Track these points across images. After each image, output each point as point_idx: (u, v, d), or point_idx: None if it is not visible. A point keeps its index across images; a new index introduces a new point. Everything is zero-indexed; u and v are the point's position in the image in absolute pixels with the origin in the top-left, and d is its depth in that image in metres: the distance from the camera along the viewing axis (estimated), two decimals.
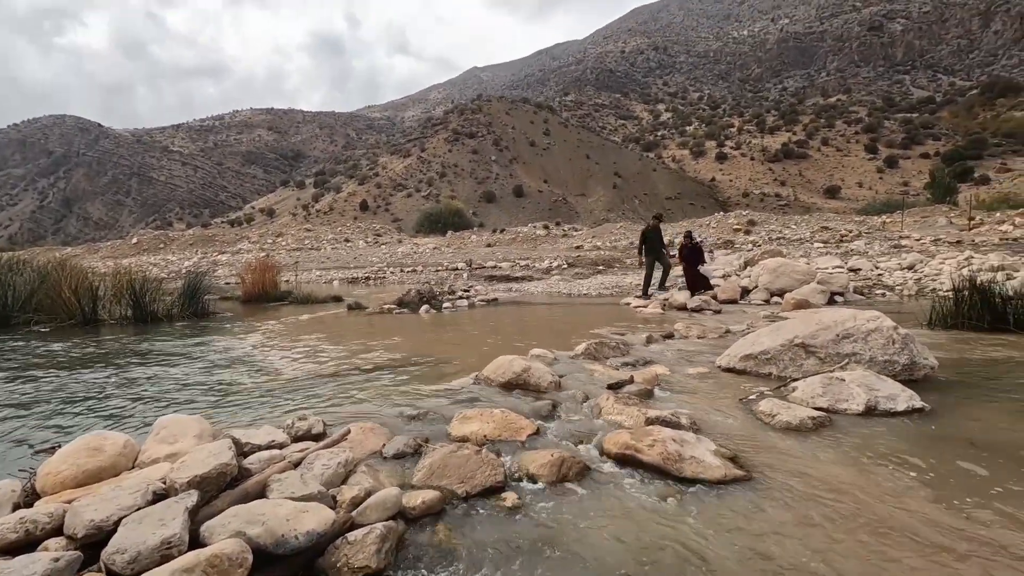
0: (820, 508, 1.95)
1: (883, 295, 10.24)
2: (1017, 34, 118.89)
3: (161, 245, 41.89)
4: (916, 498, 2.01)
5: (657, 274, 10.69)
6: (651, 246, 10.50)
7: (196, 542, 1.54)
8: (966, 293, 5.80)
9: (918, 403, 3.05)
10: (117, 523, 1.58)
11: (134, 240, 44.47)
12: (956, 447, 2.50)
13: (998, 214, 28.20)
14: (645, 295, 10.32)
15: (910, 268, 13.26)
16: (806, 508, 1.96)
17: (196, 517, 1.64)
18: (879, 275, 12.56)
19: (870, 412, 3.02)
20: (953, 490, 2.07)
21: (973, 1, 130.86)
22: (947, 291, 6.84)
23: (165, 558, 1.43)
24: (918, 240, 21.47)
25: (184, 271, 19.39)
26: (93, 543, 1.54)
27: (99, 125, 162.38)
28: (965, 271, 10.03)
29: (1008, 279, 7.30)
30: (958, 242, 19.79)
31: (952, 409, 3.06)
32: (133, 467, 2.11)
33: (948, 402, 3.19)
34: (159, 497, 1.74)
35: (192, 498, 1.68)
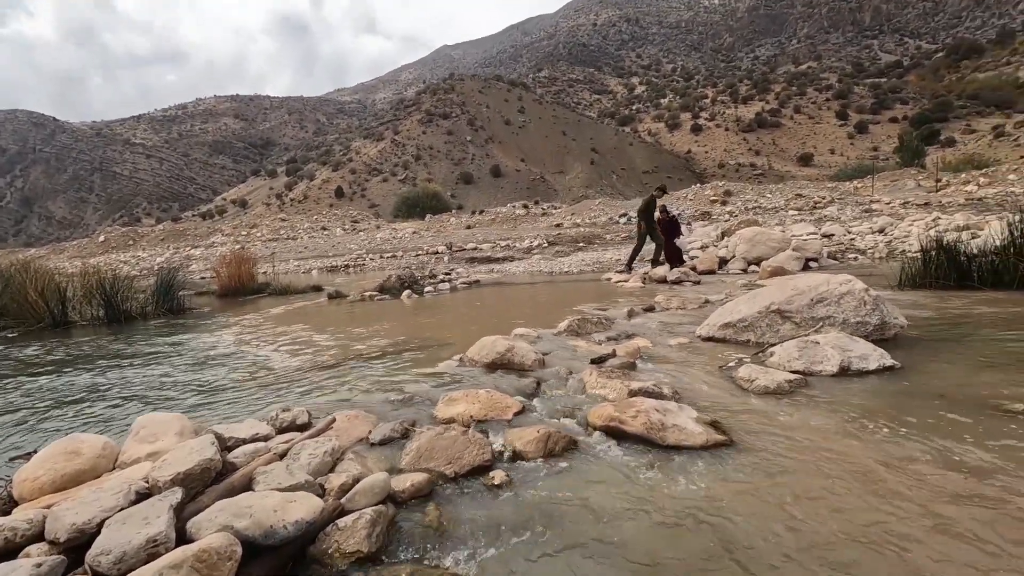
0: (795, 466, 2.02)
1: (855, 259, 10.50)
2: None
3: (130, 242, 40.62)
4: (884, 451, 2.10)
5: (649, 248, 10.68)
6: (648, 219, 10.48)
7: (183, 539, 1.53)
8: (933, 253, 5.98)
9: (889, 361, 3.16)
10: (100, 525, 1.55)
11: (101, 238, 43.03)
12: (924, 401, 2.60)
13: (963, 175, 28.99)
14: (628, 269, 10.34)
15: (881, 231, 13.61)
16: (782, 467, 2.03)
17: (182, 514, 1.63)
18: (851, 239, 12.87)
19: (844, 372, 3.11)
20: (919, 441, 2.16)
21: None
22: (915, 252, 7.04)
23: (152, 556, 1.41)
24: (888, 203, 21.98)
25: (156, 267, 18.88)
26: (76, 546, 1.52)
27: (54, 119, 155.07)
28: (932, 232, 10.33)
29: (973, 238, 7.53)
30: (926, 204, 20.32)
31: (921, 365, 3.18)
32: (114, 468, 2.08)
33: (917, 359, 3.31)
34: (142, 496, 1.71)
35: (176, 495, 1.66)
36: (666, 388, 2.89)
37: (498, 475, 2.06)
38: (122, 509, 1.62)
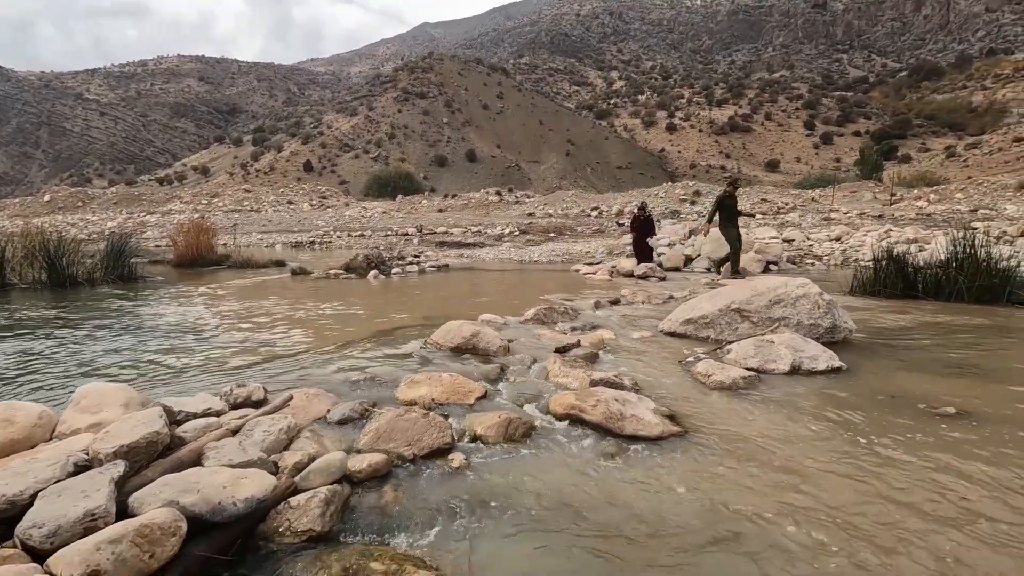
0: (741, 458, 2.11)
1: (813, 264, 10.94)
2: (943, 19, 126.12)
3: (79, 203, 38.34)
4: (822, 445, 2.21)
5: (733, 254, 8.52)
6: (728, 216, 8.44)
7: (125, 514, 1.47)
8: (884, 263, 6.29)
9: (836, 363, 3.32)
10: (33, 497, 1.47)
11: (47, 197, 40.41)
12: (865, 402, 2.75)
13: (916, 191, 30.51)
14: (736, 273, 8.21)
15: (838, 239, 14.19)
16: (731, 458, 2.11)
17: (124, 488, 1.56)
18: (810, 245, 13.37)
19: (795, 371, 3.25)
20: (854, 438, 2.28)
21: None
22: (868, 261, 7.38)
23: (89, 530, 1.35)
24: (846, 213, 22.92)
25: (108, 232, 17.89)
26: (6, 519, 1.44)
27: None
28: (884, 243, 10.84)
29: (920, 251, 7.96)
30: (880, 216, 21.30)
31: (865, 368, 3.35)
32: (51, 439, 1.97)
33: (862, 362, 3.48)
34: (81, 469, 1.63)
35: (119, 468, 1.59)
36: (627, 379, 2.95)
37: (457, 458, 2.06)
38: (58, 481, 1.54)
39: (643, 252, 10.56)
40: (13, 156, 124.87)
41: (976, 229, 11.30)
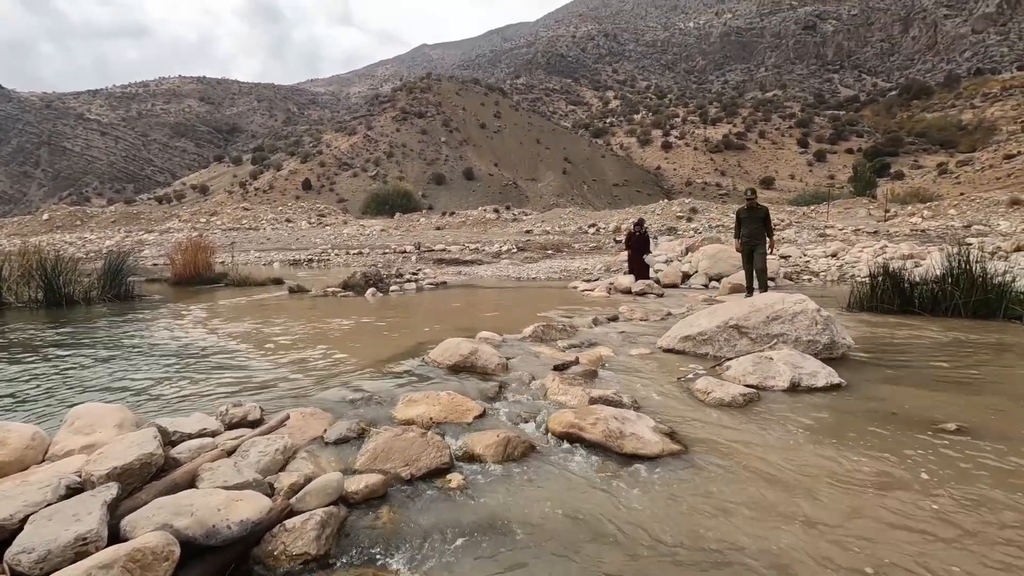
0: (743, 476, 2.09)
1: (809, 280, 10.98)
2: (931, 41, 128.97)
3: (78, 222, 38.40)
4: (823, 462, 2.19)
5: (758, 275, 7.26)
6: (748, 232, 7.27)
7: (117, 538, 1.44)
8: (880, 279, 6.32)
9: (836, 379, 3.31)
10: (23, 521, 1.45)
11: (45, 216, 40.48)
12: (866, 419, 2.73)
13: (909, 207, 30.82)
14: (754, 290, 7.15)
15: (833, 256, 14.28)
16: (730, 476, 2.09)
17: (117, 511, 1.54)
18: (806, 262, 13.45)
19: (794, 388, 3.24)
20: (856, 456, 2.26)
21: (895, 7, 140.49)
22: (864, 277, 7.42)
23: (80, 555, 1.33)
24: (841, 230, 23.11)
25: (105, 251, 17.91)
26: None
27: None
28: (880, 259, 10.91)
29: (916, 267, 8.01)
30: (875, 232, 21.48)
31: (865, 385, 3.34)
32: (43, 461, 1.94)
33: (861, 378, 3.47)
34: (73, 491, 1.61)
35: (111, 491, 1.57)
36: (626, 397, 2.93)
37: (455, 478, 2.03)
38: (50, 504, 1.52)
39: (639, 270, 10.49)
40: (13, 175, 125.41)
41: (970, 245, 11.41)
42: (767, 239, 7.21)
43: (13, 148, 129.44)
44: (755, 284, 7.26)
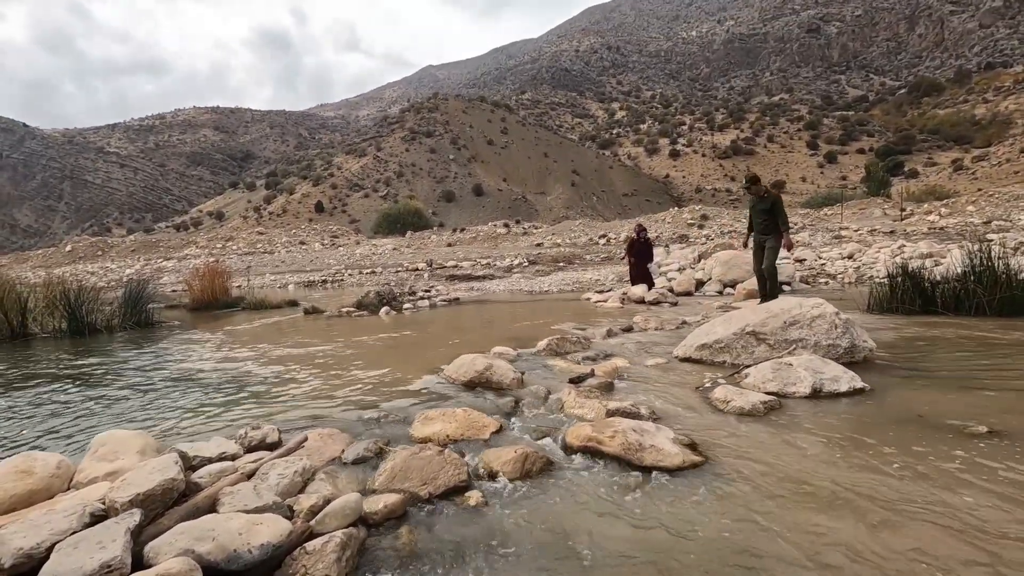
0: (768, 488, 2.04)
1: (826, 283, 10.81)
2: (938, 37, 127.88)
3: (99, 252, 39.41)
4: (850, 471, 2.13)
5: (768, 280, 6.43)
6: (756, 227, 6.49)
7: (140, 564, 1.45)
8: (899, 279, 6.19)
9: (859, 384, 3.23)
10: (50, 549, 1.47)
11: (68, 247, 41.63)
12: (892, 424, 2.66)
13: (926, 205, 30.29)
14: (766, 295, 6.38)
15: (850, 257, 14.05)
16: (755, 487, 2.04)
17: (140, 537, 1.55)
18: (822, 264, 13.25)
19: (816, 394, 3.17)
20: (883, 464, 2.20)
21: (899, 6, 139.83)
22: (883, 278, 7.28)
23: None
24: (856, 231, 22.77)
25: (126, 279, 18.32)
26: (23, 572, 1.43)
27: (24, 125, 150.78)
28: (898, 259, 10.71)
29: (936, 265, 7.84)
30: (892, 232, 21.12)
31: (889, 388, 3.26)
32: (69, 489, 1.97)
33: (886, 382, 3.39)
34: (98, 519, 1.63)
35: (135, 517, 1.58)
36: (643, 408, 2.89)
37: (474, 496, 2.02)
38: (75, 532, 1.54)
39: (643, 279, 10.18)
40: (37, 209, 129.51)
41: (991, 241, 11.15)
42: (784, 233, 6.03)
43: (38, 183, 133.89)
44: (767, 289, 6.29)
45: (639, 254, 10.39)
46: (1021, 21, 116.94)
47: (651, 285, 10.15)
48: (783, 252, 6.69)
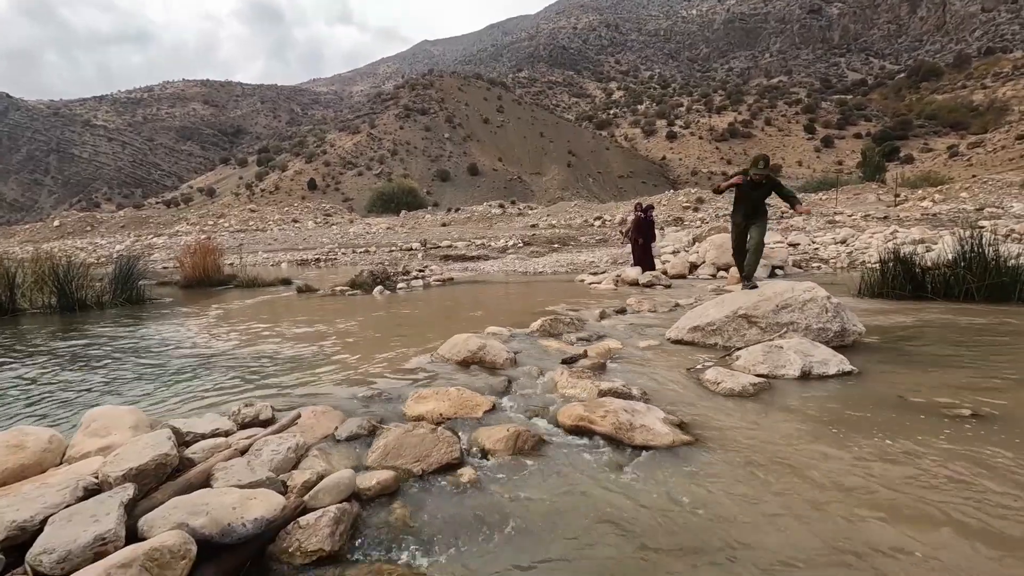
0: (755, 466, 2.08)
1: (819, 268, 10.88)
2: (939, 21, 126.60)
3: (88, 228, 38.84)
4: (835, 451, 2.17)
5: (750, 253, 5.57)
6: (751, 203, 5.54)
7: (135, 537, 1.46)
8: (891, 265, 6.24)
9: (847, 367, 3.28)
10: (44, 522, 1.47)
11: (56, 223, 40.98)
12: (878, 407, 2.71)
13: (920, 191, 30.37)
14: (746, 281, 5.41)
15: (843, 242, 14.13)
16: (742, 467, 2.08)
17: (134, 511, 1.56)
18: (815, 249, 13.31)
19: (805, 376, 3.22)
20: (866, 445, 2.25)
21: None
22: (875, 263, 7.33)
23: (99, 555, 1.35)
24: (850, 216, 22.84)
25: (116, 255, 18.11)
26: (16, 545, 1.44)
27: (7, 95, 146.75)
28: (891, 244, 10.78)
29: (927, 251, 7.90)
30: (885, 217, 21.20)
31: (877, 372, 3.31)
32: (61, 463, 1.97)
33: (873, 365, 3.44)
34: (91, 493, 1.63)
35: (128, 491, 1.59)
36: (635, 389, 2.93)
37: (466, 473, 2.04)
38: (68, 506, 1.54)
39: (646, 259, 10.21)
40: (24, 183, 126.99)
41: (983, 228, 11.22)
42: (794, 206, 5.46)
43: (23, 156, 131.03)
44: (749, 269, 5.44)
45: (642, 233, 10.27)
46: (1023, 6, 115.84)
47: (652, 265, 10.11)
48: (776, 236, 6.63)
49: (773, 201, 5.96)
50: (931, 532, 1.62)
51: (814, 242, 14.56)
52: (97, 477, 1.72)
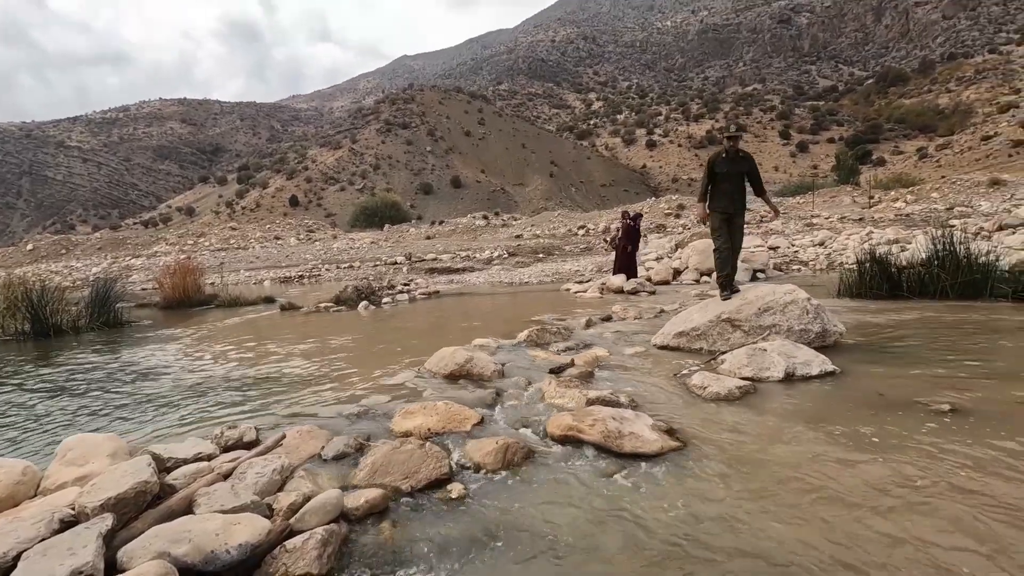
0: (743, 469, 2.10)
1: (799, 270, 11.08)
2: (903, 28, 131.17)
3: (63, 251, 37.94)
4: (820, 451, 2.20)
5: (732, 256, 4.81)
6: (727, 194, 4.71)
7: (114, 568, 1.42)
8: (868, 265, 6.38)
9: (829, 367, 3.33)
10: (17, 557, 1.42)
11: (29, 246, 39.96)
12: (860, 404, 2.75)
13: (893, 193, 31.19)
14: (726, 286, 4.67)
15: (821, 244, 14.42)
16: (731, 470, 2.10)
17: (113, 542, 1.51)
18: (795, 252, 13.57)
19: (789, 378, 3.26)
20: (850, 442, 2.28)
21: None
22: (852, 264, 7.49)
23: None
24: (827, 218, 23.34)
25: (92, 278, 17.68)
26: None
27: None
28: (867, 245, 11.03)
29: (902, 251, 8.10)
30: (860, 219, 21.71)
31: (858, 370, 3.37)
32: (35, 496, 1.91)
33: (854, 364, 3.50)
34: (68, 525, 1.58)
35: (106, 522, 1.54)
36: (623, 396, 2.93)
37: (456, 488, 2.02)
38: (43, 539, 1.49)
39: (630, 267, 10.25)
40: None
41: (954, 226, 11.55)
42: (767, 202, 4.93)
43: None
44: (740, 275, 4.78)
45: (629, 240, 10.36)
46: (981, 13, 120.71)
47: (635, 274, 10.17)
48: (756, 240, 6.67)
49: (752, 205, 5.88)
50: (920, 527, 1.64)
51: (793, 245, 14.84)
52: (74, 508, 1.66)
